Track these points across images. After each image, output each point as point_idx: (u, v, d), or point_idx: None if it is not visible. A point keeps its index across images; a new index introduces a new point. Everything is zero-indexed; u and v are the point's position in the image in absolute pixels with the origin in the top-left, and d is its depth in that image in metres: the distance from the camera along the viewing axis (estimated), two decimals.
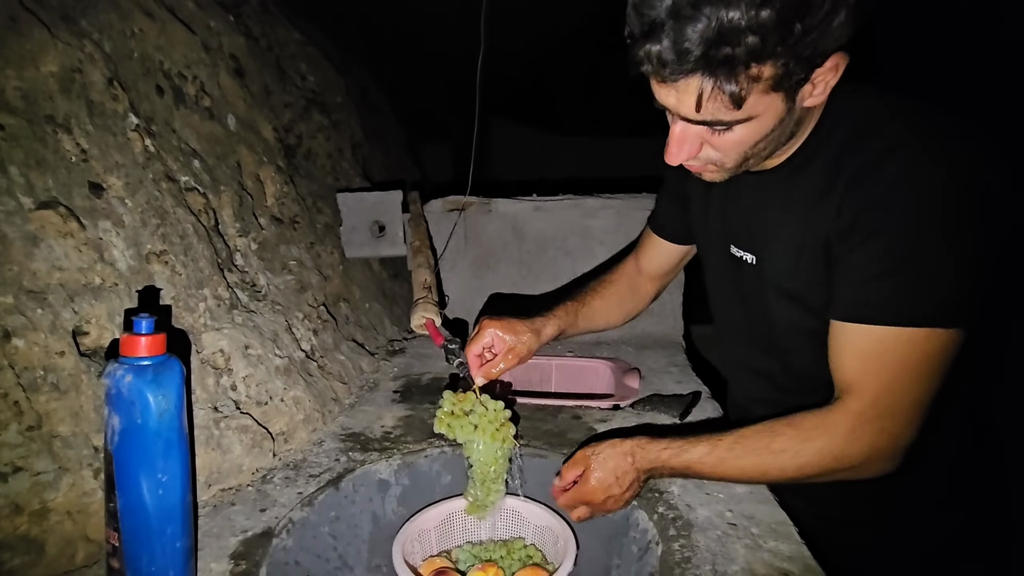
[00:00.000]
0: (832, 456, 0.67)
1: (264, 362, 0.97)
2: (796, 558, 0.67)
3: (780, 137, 0.68)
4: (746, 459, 0.70)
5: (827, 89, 0.62)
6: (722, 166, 0.69)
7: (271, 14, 1.65)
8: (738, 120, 0.61)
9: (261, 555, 0.69)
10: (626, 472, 0.73)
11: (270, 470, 0.88)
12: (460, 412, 0.83)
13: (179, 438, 0.60)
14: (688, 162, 0.69)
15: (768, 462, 0.69)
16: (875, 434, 0.66)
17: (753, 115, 0.61)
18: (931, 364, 0.65)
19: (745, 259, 0.82)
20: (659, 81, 0.61)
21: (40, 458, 0.63)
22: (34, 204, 0.71)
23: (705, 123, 0.62)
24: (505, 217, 1.61)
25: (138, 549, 0.58)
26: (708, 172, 0.72)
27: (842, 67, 0.61)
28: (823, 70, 0.60)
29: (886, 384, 0.65)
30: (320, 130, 1.69)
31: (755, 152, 0.67)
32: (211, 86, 1.15)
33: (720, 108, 0.59)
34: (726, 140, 0.64)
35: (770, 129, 0.64)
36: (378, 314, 1.61)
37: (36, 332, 0.66)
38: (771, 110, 0.61)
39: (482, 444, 0.80)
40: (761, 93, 0.59)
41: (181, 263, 0.89)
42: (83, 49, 0.83)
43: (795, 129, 0.69)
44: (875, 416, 0.66)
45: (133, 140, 0.88)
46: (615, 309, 1.08)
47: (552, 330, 0.96)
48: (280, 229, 1.26)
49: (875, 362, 0.66)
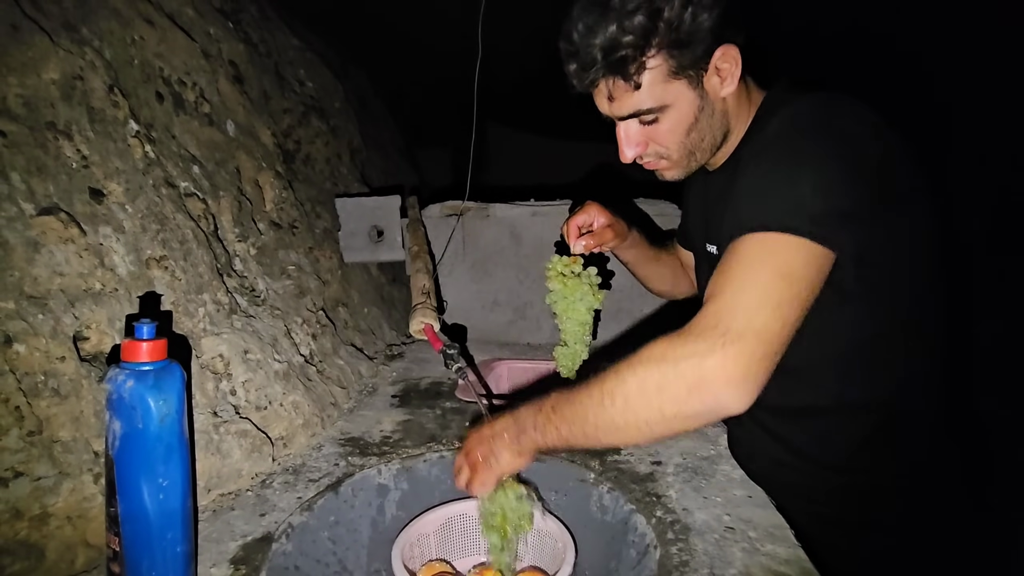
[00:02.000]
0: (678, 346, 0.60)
1: (263, 367, 0.98)
2: (793, 561, 0.67)
3: (713, 128, 0.77)
4: (601, 375, 0.65)
5: (734, 79, 0.73)
6: (670, 159, 0.79)
7: (270, 20, 1.65)
8: (655, 108, 0.73)
9: (261, 560, 0.69)
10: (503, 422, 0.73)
11: (269, 475, 0.88)
12: (570, 272, 0.93)
13: (180, 443, 0.60)
14: (643, 160, 0.80)
15: (612, 380, 0.63)
16: (721, 331, 0.59)
17: (666, 103, 0.73)
18: (784, 270, 0.61)
19: (713, 252, 0.86)
20: (586, 91, 0.76)
21: (40, 463, 0.64)
22: (35, 210, 0.71)
23: (633, 115, 0.75)
24: (503, 222, 1.61)
25: (139, 554, 0.58)
26: (663, 168, 0.81)
27: (736, 59, 0.72)
28: (716, 59, 0.72)
29: (737, 286, 0.62)
30: (319, 135, 1.70)
31: (693, 143, 0.77)
32: (210, 92, 1.15)
33: (632, 99, 0.73)
34: (660, 131, 0.76)
35: (693, 117, 0.75)
36: (377, 319, 1.62)
37: (37, 337, 0.66)
38: (683, 97, 0.73)
39: (584, 302, 0.89)
40: (663, 82, 0.72)
41: (181, 268, 0.90)
42: (84, 56, 0.84)
43: (727, 122, 0.78)
44: (714, 313, 0.61)
45: (133, 146, 0.89)
46: (669, 279, 1.13)
47: (637, 238, 1.04)
48: (279, 234, 1.27)
49: (729, 268, 0.64)
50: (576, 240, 0.96)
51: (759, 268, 0.62)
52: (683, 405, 0.60)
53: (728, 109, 0.78)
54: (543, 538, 0.82)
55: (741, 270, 0.63)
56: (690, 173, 0.83)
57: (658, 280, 1.13)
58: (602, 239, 0.97)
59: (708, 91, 0.74)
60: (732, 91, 0.75)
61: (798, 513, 0.76)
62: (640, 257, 1.08)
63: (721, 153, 0.82)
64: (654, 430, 0.62)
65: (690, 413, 0.60)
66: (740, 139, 0.80)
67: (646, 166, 0.82)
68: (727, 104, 0.77)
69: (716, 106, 0.76)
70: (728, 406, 0.59)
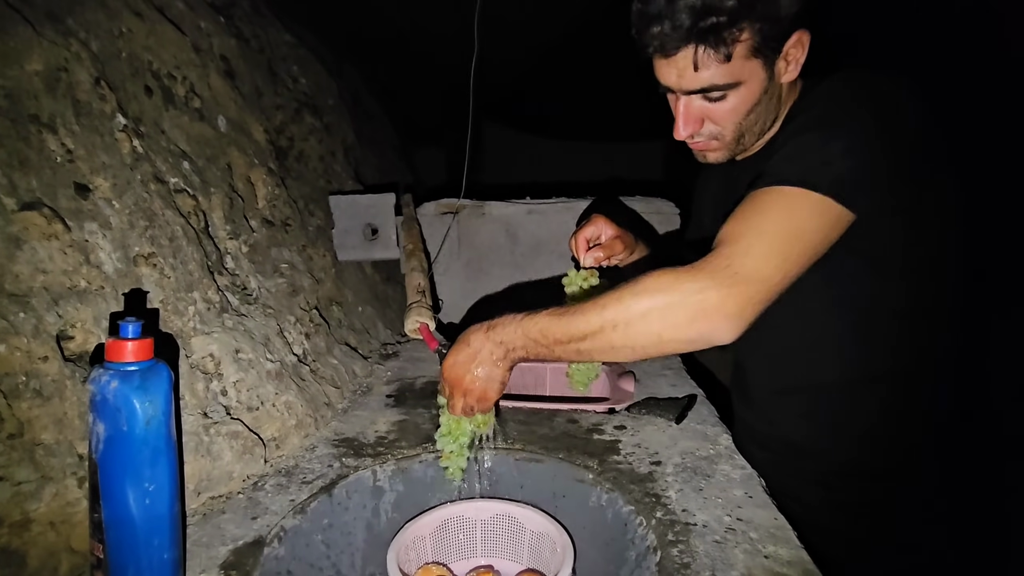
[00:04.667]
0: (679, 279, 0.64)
1: (255, 366, 0.96)
2: (795, 563, 0.66)
3: (766, 112, 0.77)
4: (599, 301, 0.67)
5: (798, 66, 0.73)
6: (722, 139, 0.78)
7: (262, 16, 1.63)
8: (729, 85, 0.71)
9: (252, 564, 0.67)
10: (481, 341, 0.73)
11: (261, 477, 0.86)
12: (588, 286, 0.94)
13: (166, 446, 0.58)
14: (693, 140, 0.78)
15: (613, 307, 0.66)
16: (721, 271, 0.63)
17: (741, 80, 0.71)
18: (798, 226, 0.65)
19: None
20: (662, 57, 0.72)
21: (22, 467, 0.61)
22: (17, 205, 0.69)
23: (703, 90, 0.72)
24: (498, 220, 1.60)
25: (124, 561, 0.56)
26: (711, 150, 0.80)
27: (806, 43, 0.72)
28: (791, 44, 0.71)
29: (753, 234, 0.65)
30: (312, 132, 1.68)
31: (747, 125, 0.76)
32: (201, 87, 1.13)
33: (713, 72, 0.70)
34: (721, 110, 0.74)
35: (756, 98, 0.74)
36: (371, 318, 1.60)
37: (18, 336, 0.64)
38: (755, 77, 0.72)
39: None
40: (743, 58, 0.70)
41: (170, 266, 0.87)
42: (69, 48, 0.81)
43: (779, 108, 0.78)
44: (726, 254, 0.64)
45: (121, 141, 0.87)
46: None
47: (644, 249, 1.02)
48: (271, 232, 1.24)
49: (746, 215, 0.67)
50: (586, 253, 0.96)
51: (775, 220, 0.65)
52: (681, 332, 0.64)
53: (783, 95, 0.77)
54: (541, 540, 0.80)
55: (758, 219, 0.66)
56: (732, 156, 0.81)
57: None
58: (612, 251, 0.96)
59: (775, 74, 0.73)
60: (792, 78, 0.75)
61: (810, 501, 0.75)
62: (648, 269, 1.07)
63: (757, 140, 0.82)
64: (647, 352, 0.67)
65: (684, 340, 0.65)
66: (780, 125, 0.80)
67: (693, 146, 0.80)
68: (783, 90, 0.77)
69: (776, 90, 0.75)
70: (720, 338, 0.64)
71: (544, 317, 0.70)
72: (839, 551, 0.69)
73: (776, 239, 0.64)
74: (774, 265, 0.63)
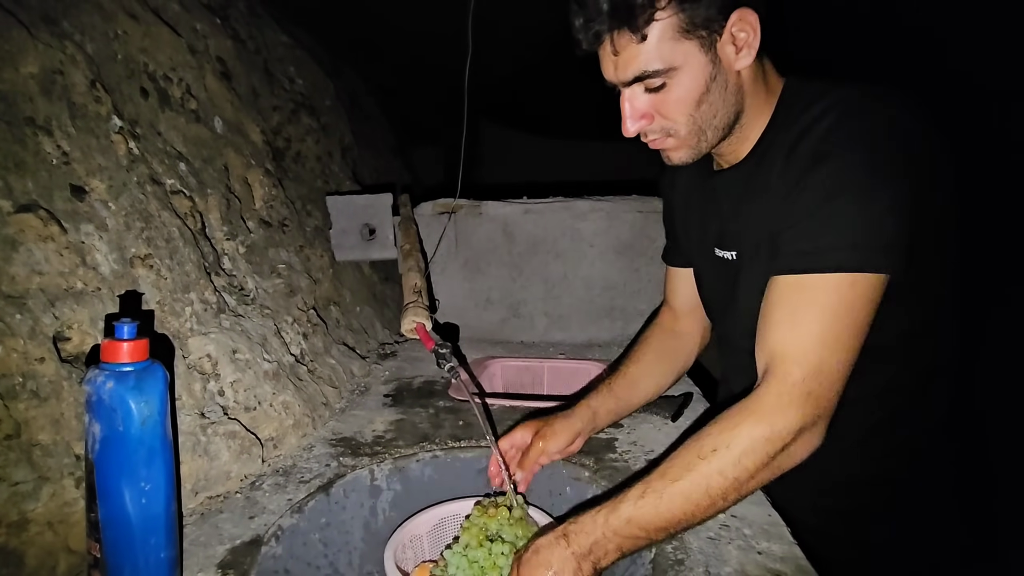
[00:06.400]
0: (764, 437, 0.62)
1: (252, 367, 0.96)
2: (788, 559, 0.66)
3: (726, 103, 0.70)
4: (683, 479, 0.62)
5: (751, 50, 0.68)
6: (677, 135, 0.72)
7: (259, 17, 1.63)
8: (662, 70, 0.67)
9: (249, 564, 0.67)
10: (564, 560, 0.62)
11: (259, 476, 0.87)
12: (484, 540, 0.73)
13: (162, 446, 0.59)
14: (647, 137, 0.74)
15: (705, 471, 0.62)
16: (803, 399, 0.62)
17: (674, 64, 0.67)
18: (857, 314, 0.63)
19: (728, 258, 0.82)
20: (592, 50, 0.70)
21: (19, 467, 0.62)
22: (13, 207, 0.69)
23: (637, 79, 0.68)
24: (495, 219, 1.60)
25: (121, 560, 0.57)
26: (670, 148, 0.74)
27: (754, 24, 0.66)
28: (732, 24, 0.66)
29: (816, 338, 0.63)
30: (309, 133, 1.68)
31: (703, 118, 0.70)
32: (197, 88, 1.13)
33: (638, 57, 0.66)
34: (667, 101, 0.69)
35: (703, 86, 0.68)
36: (369, 317, 1.60)
37: (15, 338, 0.64)
38: (693, 61, 0.67)
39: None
40: (671, 39, 0.66)
41: (167, 267, 0.88)
42: (64, 50, 0.82)
43: (741, 100, 0.72)
44: (801, 379, 0.63)
45: (117, 142, 0.87)
46: (656, 365, 0.98)
47: (580, 423, 0.88)
48: (269, 232, 1.25)
49: (802, 313, 0.64)
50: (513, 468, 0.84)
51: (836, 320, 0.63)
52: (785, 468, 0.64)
53: (743, 86, 0.71)
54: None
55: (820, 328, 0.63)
56: (699, 156, 0.75)
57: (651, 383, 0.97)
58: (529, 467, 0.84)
59: (722, 59, 0.68)
60: (748, 65, 0.69)
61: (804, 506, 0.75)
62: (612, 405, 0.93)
63: (734, 144, 0.76)
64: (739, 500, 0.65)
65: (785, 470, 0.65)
66: (761, 131, 0.74)
67: (651, 144, 0.75)
68: (742, 80, 0.70)
69: (730, 79, 0.69)
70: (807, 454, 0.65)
71: (630, 506, 0.62)
72: (835, 555, 0.68)
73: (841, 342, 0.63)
74: (846, 368, 0.64)
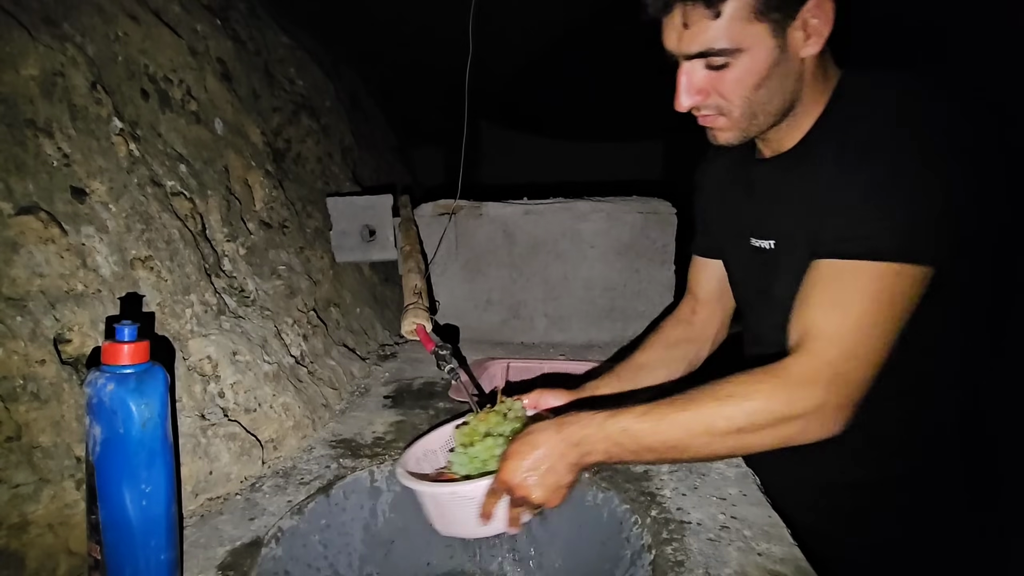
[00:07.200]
0: (782, 402, 0.62)
1: (253, 368, 0.96)
2: (788, 560, 0.66)
3: (782, 90, 0.69)
4: (689, 411, 0.63)
5: (820, 39, 0.66)
6: (730, 115, 0.71)
7: (259, 18, 1.63)
8: (729, 50, 0.65)
9: (249, 565, 0.67)
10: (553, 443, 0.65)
11: (259, 478, 0.87)
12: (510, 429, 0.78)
13: (163, 448, 0.59)
14: (699, 112, 0.72)
15: (713, 410, 0.63)
16: (830, 379, 0.62)
17: (742, 46, 0.65)
18: (898, 304, 0.63)
19: (765, 247, 0.80)
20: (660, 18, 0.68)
21: (20, 469, 0.62)
22: (14, 209, 0.69)
23: (701, 54, 0.66)
24: (496, 220, 1.60)
25: (121, 562, 0.57)
26: (720, 127, 0.73)
27: (829, 12, 0.65)
28: (808, 10, 0.64)
29: (853, 321, 0.63)
30: (309, 134, 1.68)
31: (759, 102, 0.69)
32: (198, 90, 1.13)
33: (707, 32, 0.64)
34: (726, 80, 0.68)
35: (765, 70, 0.66)
36: (369, 319, 1.60)
37: (15, 340, 0.65)
38: (761, 44, 0.65)
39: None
40: (744, 20, 0.64)
41: (167, 269, 0.88)
42: (65, 52, 0.82)
43: (800, 89, 0.70)
44: (833, 358, 0.62)
45: (117, 144, 0.87)
46: (664, 351, 0.97)
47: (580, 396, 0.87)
48: (269, 234, 1.25)
49: (842, 296, 0.64)
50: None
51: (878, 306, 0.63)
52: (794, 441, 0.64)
53: (803, 74, 0.69)
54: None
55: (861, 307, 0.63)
56: (746, 139, 0.74)
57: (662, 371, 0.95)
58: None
59: (789, 45, 0.66)
60: (814, 53, 0.67)
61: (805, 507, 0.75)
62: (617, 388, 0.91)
63: (783, 132, 0.74)
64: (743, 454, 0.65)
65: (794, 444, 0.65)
66: (812, 121, 0.73)
67: (701, 120, 0.74)
68: (804, 67, 0.68)
69: (793, 66, 0.67)
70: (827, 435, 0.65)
71: (630, 418, 0.64)
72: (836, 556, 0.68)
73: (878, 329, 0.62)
74: (879, 357, 0.63)
